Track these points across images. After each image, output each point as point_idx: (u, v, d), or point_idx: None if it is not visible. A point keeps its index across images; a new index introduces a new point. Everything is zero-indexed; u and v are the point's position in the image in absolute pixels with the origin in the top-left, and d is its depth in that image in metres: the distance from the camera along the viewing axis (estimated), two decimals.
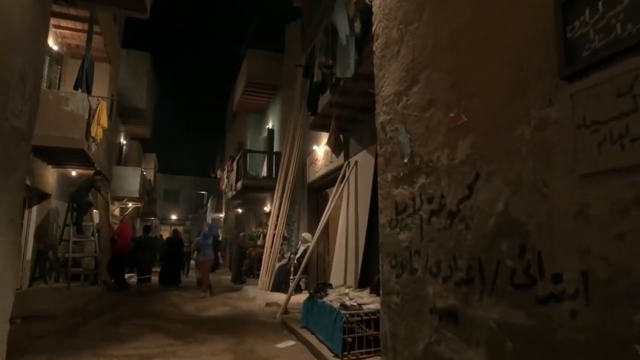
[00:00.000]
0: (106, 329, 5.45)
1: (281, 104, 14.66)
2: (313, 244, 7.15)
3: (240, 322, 6.27)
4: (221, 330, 5.59)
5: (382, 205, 3.10)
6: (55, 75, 9.91)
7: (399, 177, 2.87)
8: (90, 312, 6.65)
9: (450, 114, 2.33)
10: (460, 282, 2.15)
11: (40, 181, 9.63)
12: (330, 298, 4.51)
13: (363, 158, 7.02)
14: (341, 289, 4.77)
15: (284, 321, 6.04)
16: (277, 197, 10.75)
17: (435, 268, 2.37)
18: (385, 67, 3.19)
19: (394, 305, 2.81)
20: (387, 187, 3.03)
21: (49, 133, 8.37)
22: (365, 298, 4.10)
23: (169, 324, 5.96)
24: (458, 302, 2.15)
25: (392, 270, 2.87)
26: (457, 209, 2.22)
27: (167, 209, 33.49)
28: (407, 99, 2.82)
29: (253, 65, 14.89)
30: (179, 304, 7.92)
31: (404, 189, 2.78)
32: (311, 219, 10.17)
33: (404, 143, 2.82)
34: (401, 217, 2.79)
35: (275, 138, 15.36)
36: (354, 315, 3.85)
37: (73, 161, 9.71)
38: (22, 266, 9.66)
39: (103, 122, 9.07)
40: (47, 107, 8.48)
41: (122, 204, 17.02)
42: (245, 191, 14.62)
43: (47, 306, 6.81)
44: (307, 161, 10.36)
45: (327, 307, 4.32)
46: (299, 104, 11.15)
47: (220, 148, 27.63)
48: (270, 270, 9.83)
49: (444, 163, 2.37)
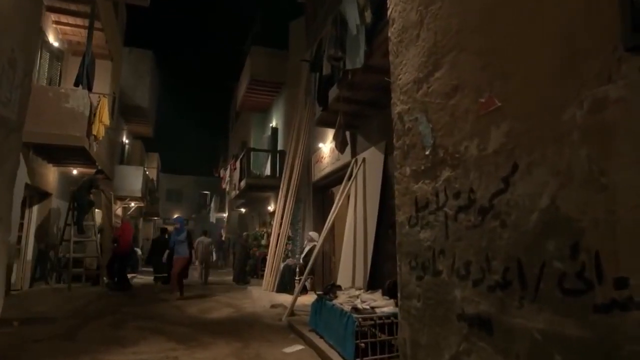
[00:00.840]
0: (106, 332, 5.25)
1: (285, 101, 14.45)
2: (320, 244, 6.92)
3: (245, 324, 6.06)
4: (225, 334, 5.38)
5: (400, 201, 2.87)
6: (55, 73, 9.73)
7: (419, 171, 2.64)
8: (91, 314, 6.46)
9: (481, 100, 2.10)
10: (494, 285, 1.92)
11: (41, 180, 9.45)
12: (340, 300, 4.29)
13: (371, 155, 6.79)
14: (351, 291, 4.54)
15: (290, 324, 5.82)
16: (281, 196, 10.54)
17: (463, 270, 2.15)
18: (402, 53, 2.96)
19: (415, 310, 2.58)
20: (405, 182, 2.81)
21: (49, 130, 8.19)
22: (379, 301, 3.87)
23: (171, 326, 5.76)
24: (492, 309, 1.92)
25: (412, 272, 2.65)
26: (489, 204, 1.99)
27: (170, 209, 33.31)
28: (429, 86, 2.59)
29: (256, 62, 14.68)
30: (181, 305, 7.72)
31: (426, 184, 2.56)
32: (317, 218, 9.95)
33: (425, 134, 2.59)
34: (422, 214, 2.57)
35: (279, 136, 15.16)
36: (367, 319, 3.62)
37: (74, 159, 9.53)
38: (22, 267, 9.50)
39: (105, 119, 8.88)
40: (47, 104, 8.31)
41: (124, 203, 16.85)
42: (248, 190, 14.41)
43: (46, 308, 6.63)
44: (312, 159, 10.14)
45: (338, 310, 4.10)
46: (303, 101, 10.94)
47: (223, 148, 27.47)
48: (275, 271, 9.62)
49: (472, 154, 2.14)
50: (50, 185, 10.16)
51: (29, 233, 9.74)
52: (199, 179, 35.32)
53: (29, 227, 9.78)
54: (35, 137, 8.14)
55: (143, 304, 7.70)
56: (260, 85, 15.05)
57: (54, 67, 9.66)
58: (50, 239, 10.31)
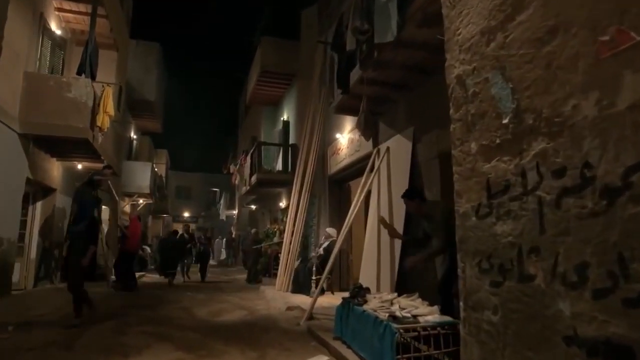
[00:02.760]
0: (107, 339, 4.73)
1: (297, 94, 13.88)
2: (340, 242, 6.34)
3: (260, 329, 5.51)
4: (239, 340, 4.84)
5: (462, 187, 2.28)
6: (58, 62, 9.27)
7: (492, 145, 2.05)
8: (93, 317, 5.94)
9: (602, 38, 1.50)
10: (637, 299, 1.33)
11: (44, 175, 9.01)
12: (372, 306, 3.71)
13: (397, 143, 6.19)
14: (383, 295, 3.96)
15: (310, 329, 5.26)
16: (295, 191, 9.97)
17: (574, 275, 1.55)
18: (462, 1, 2.36)
19: (488, 325, 2.00)
20: (470, 161, 2.21)
21: (50, 121, 7.76)
22: (421, 308, 3.29)
23: (180, 331, 5.22)
24: (635, 333, 1.33)
25: (482, 276, 2.06)
26: (623, 182, 1.40)
27: (179, 207, 33.06)
28: (506, 35, 1.99)
29: (267, 53, 14.13)
30: (190, 307, 7.20)
31: (504, 162, 1.96)
32: (333, 214, 9.38)
33: (501, 97, 2.00)
34: (499, 200, 1.98)
35: (291, 130, 14.60)
36: (409, 329, 3.04)
37: (78, 153, 9.08)
38: (26, 265, 9.09)
39: (109, 109, 8.40)
40: (48, 94, 7.87)
41: (132, 200, 16.44)
42: (259, 186, 13.90)
43: (46, 310, 6.16)
44: (327, 152, 9.56)
45: (371, 317, 3.52)
46: (317, 92, 10.35)
47: (232, 144, 27.02)
48: (290, 270, 9.07)
49: (588, 114, 1.55)
50: (55, 180, 9.74)
51: (33, 230, 9.33)
52: (208, 176, 34.98)
53: (32, 224, 9.37)
54: (35, 128, 7.71)
55: (150, 306, 7.20)
56: (271, 77, 14.51)
57: (56, 56, 9.20)
58: (54, 237, 9.89)
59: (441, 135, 5.11)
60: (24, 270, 9.06)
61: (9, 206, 7.46)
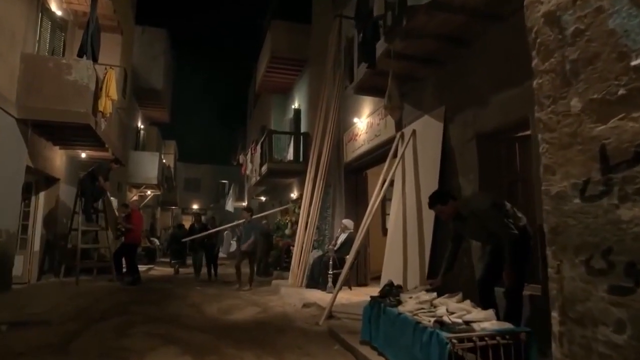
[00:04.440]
0: (107, 341, 4.26)
1: (309, 80, 13.30)
2: (362, 234, 5.79)
3: (275, 329, 5.01)
4: (252, 343, 4.34)
5: (555, 159, 1.72)
6: (58, 44, 8.78)
7: (611, 99, 1.48)
8: (94, 315, 5.52)
9: None
10: None
11: (46, 163, 8.58)
12: (409, 308, 3.17)
13: (424, 125, 5.61)
14: (420, 294, 3.41)
15: (331, 330, 4.74)
16: (309, 180, 9.43)
17: None
18: None
19: (607, 348, 1.44)
20: (571, 124, 1.64)
21: (49, 106, 7.28)
22: (475, 313, 2.74)
23: (187, 332, 4.74)
24: None
25: (595, 279, 1.50)
26: None
27: (188, 199, 32.70)
28: None
29: (277, 38, 13.53)
30: (200, 303, 6.73)
31: (634, 119, 1.39)
32: (349, 204, 8.84)
33: (628, 28, 1.42)
34: (626, 174, 1.41)
35: (302, 118, 14.04)
36: (463, 339, 2.50)
37: (80, 140, 8.62)
38: (29, 258, 8.71)
39: (112, 93, 7.90)
40: (47, 77, 7.39)
41: (140, 191, 16.04)
42: (270, 176, 13.40)
43: (45, 307, 5.72)
44: (343, 138, 8.99)
45: (409, 322, 2.99)
46: (332, 76, 9.75)
47: (241, 135, 26.54)
48: (304, 264, 8.57)
49: None
50: (58, 170, 9.31)
51: (36, 222, 8.93)
52: (217, 168, 34.55)
53: (35, 215, 8.97)
54: (34, 113, 7.24)
55: (156, 302, 6.74)
56: (282, 63, 13.92)
57: (57, 38, 8.71)
58: (59, 228, 9.50)
59: (479, 114, 4.52)
60: (27, 263, 8.68)
61: (8, 195, 7.02)
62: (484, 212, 3.34)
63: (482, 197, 3.59)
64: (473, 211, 3.44)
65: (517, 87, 3.93)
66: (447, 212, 3.53)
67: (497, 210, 3.31)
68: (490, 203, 3.38)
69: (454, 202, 3.54)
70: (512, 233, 3.19)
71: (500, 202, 3.46)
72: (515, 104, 3.96)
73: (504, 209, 3.40)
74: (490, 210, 3.30)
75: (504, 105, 4.13)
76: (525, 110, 3.78)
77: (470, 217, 3.47)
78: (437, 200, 3.61)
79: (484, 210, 3.34)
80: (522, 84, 3.84)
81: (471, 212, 3.46)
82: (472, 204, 3.48)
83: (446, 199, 3.55)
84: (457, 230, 3.70)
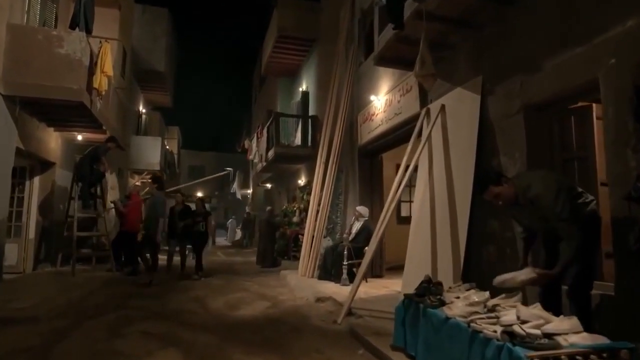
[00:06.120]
0: (98, 343, 3.72)
1: (317, 61, 12.59)
2: (385, 223, 5.17)
3: (289, 329, 4.45)
4: (264, 346, 3.79)
5: None
6: (50, 16, 8.11)
7: None
8: (87, 310, 4.99)
9: None
10: None
11: (39, 146, 8.01)
12: (459, 312, 2.57)
13: (456, 99, 4.95)
14: (469, 294, 2.81)
15: (353, 330, 4.17)
16: (320, 164, 8.82)
17: None
18: None
19: None
20: None
21: (39, 82, 6.68)
22: (557, 322, 2.12)
23: (190, 332, 4.19)
24: None
25: None
26: None
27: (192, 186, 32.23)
28: None
29: (284, 15, 12.78)
30: (204, 296, 6.18)
31: None
32: (363, 191, 8.22)
33: None
34: None
35: (310, 101, 13.36)
36: (549, 358, 1.90)
37: (75, 120, 8.03)
38: (24, 246, 8.22)
39: (108, 69, 7.28)
40: (36, 49, 6.77)
41: (142, 178, 15.48)
42: (277, 161, 12.79)
43: (35, 300, 5.18)
44: (357, 119, 8.33)
45: (464, 330, 2.40)
46: (344, 52, 9.08)
47: (246, 122, 25.92)
48: (315, 253, 8.00)
49: None
50: (53, 153, 8.75)
51: (31, 208, 8.41)
52: (221, 156, 34.05)
53: (30, 201, 8.44)
54: (22, 89, 6.65)
55: (157, 295, 6.20)
56: (289, 43, 13.20)
57: (48, 9, 8.04)
58: (55, 215, 8.98)
59: (528, 82, 3.86)
60: (22, 251, 8.19)
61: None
62: (545, 202, 2.66)
63: (543, 181, 2.79)
64: (531, 199, 2.76)
65: (581, 45, 3.27)
66: (504, 194, 2.82)
67: (564, 197, 2.64)
68: (555, 189, 2.68)
69: (508, 181, 2.86)
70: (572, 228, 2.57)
71: (567, 184, 2.81)
72: (578, 67, 3.30)
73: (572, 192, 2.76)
74: (554, 201, 2.62)
75: (562, 69, 3.47)
76: (593, 71, 3.14)
77: (528, 205, 2.81)
78: (487, 181, 2.92)
79: (546, 199, 2.65)
80: (589, 40, 3.19)
81: (529, 201, 2.77)
82: (533, 189, 2.76)
83: (498, 178, 2.87)
84: (516, 218, 3.07)
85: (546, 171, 3.21)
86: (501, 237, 4.10)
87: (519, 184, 2.82)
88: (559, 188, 2.71)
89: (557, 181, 2.78)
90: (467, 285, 3.12)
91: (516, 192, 2.80)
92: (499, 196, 2.83)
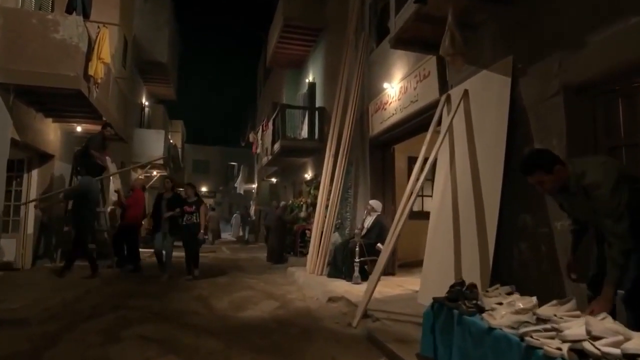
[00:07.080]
0: (91, 349, 3.37)
1: (325, 51, 12.16)
2: (403, 220, 4.77)
3: (300, 332, 4.09)
4: (273, 353, 3.43)
5: None
6: (46, 2, 7.76)
7: None
8: (83, 310, 4.65)
9: None
10: None
11: (36, 137, 7.67)
12: (505, 322, 2.19)
13: (481, 83, 4.53)
14: (512, 299, 2.43)
15: (371, 335, 3.80)
16: (330, 156, 8.43)
17: None
18: None
19: None
20: None
21: (33, 68, 6.32)
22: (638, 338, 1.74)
23: (193, 336, 3.84)
24: None
25: None
26: None
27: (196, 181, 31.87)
28: None
29: (290, 4, 12.32)
30: (208, 296, 5.83)
31: None
32: (375, 184, 7.83)
33: None
34: None
35: (317, 93, 12.94)
36: None
37: (73, 110, 7.67)
38: (23, 242, 7.91)
39: (105, 55, 6.90)
40: (31, 34, 6.40)
41: (145, 171, 15.17)
42: (283, 155, 12.42)
43: (28, 300, 4.84)
44: (369, 109, 7.92)
45: (516, 344, 2.02)
46: (354, 39, 8.66)
47: (252, 114, 25.55)
48: (324, 250, 7.64)
49: None
50: (52, 145, 8.42)
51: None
52: (226, 150, 33.80)
53: (28, 194, 8.13)
54: (15, 76, 6.29)
55: (158, 294, 5.86)
56: (295, 33, 12.76)
57: None
58: (54, 210, 8.66)
59: (568, 60, 3.44)
60: (20, 247, 7.89)
61: None
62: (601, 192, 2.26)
63: (603, 166, 2.36)
64: (585, 187, 2.36)
65: (638, 14, 2.85)
66: (551, 182, 2.44)
67: (624, 189, 2.24)
68: (615, 178, 2.28)
69: (562, 168, 2.46)
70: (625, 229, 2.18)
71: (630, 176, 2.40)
72: (631, 41, 2.89)
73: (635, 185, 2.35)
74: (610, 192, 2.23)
75: (611, 43, 3.05)
76: None
77: (581, 193, 2.42)
78: (537, 164, 2.46)
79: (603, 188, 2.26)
80: None
81: (583, 189, 2.38)
82: (589, 176, 2.36)
83: (552, 163, 2.46)
84: (564, 207, 2.67)
85: (607, 157, 2.78)
86: (535, 233, 3.71)
87: (572, 170, 2.42)
88: (618, 178, 2.31)
89: (620, 169, 2.37)
90: (506, 288, 2.73)
91: (566, 179, 2.40)
92: (544, 183, 2.43)
